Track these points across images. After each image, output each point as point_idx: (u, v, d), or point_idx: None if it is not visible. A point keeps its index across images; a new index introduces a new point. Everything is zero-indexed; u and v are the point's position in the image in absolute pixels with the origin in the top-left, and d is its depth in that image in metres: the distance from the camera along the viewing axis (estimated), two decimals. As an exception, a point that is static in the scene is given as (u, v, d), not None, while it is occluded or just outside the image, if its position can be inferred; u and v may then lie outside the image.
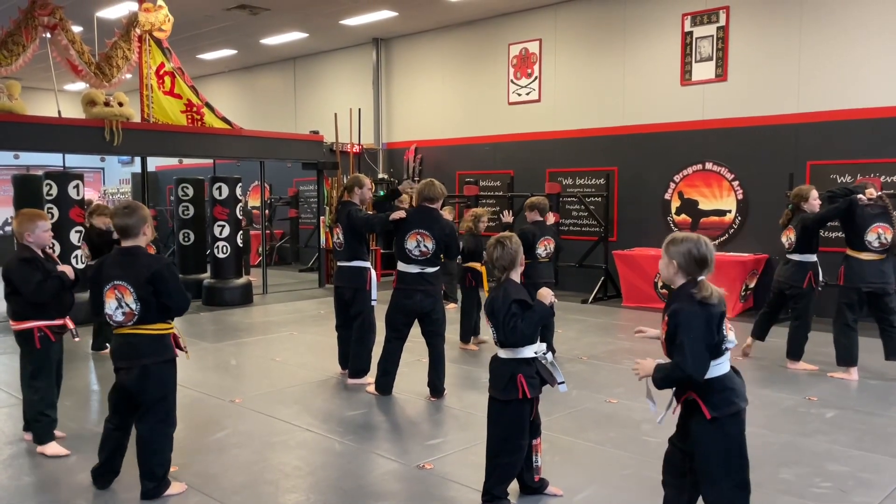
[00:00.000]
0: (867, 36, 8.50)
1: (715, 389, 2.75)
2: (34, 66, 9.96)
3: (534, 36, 11.70)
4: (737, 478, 2.78)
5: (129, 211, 3.60)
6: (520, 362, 3.35)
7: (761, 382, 5.80)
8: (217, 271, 10.23)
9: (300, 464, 4.13)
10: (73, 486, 3.78)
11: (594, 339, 7.63)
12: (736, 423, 2.77)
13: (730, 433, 2.75)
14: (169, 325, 3.63)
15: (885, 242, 5.82)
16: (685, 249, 2.78)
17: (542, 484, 3.59)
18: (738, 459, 2.77)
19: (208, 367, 6.51)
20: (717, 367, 2.77)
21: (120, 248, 3.62)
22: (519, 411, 3.36)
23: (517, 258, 3.46)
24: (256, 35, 13.72)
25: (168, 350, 3.60)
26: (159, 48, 9.90)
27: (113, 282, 3.50)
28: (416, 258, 5.28)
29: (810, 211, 6.15)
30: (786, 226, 6.29)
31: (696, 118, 9.91)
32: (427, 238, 5.24)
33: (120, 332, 3.58)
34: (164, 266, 3.53)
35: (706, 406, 2.73)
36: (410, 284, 5.31)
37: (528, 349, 3.36)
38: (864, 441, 4.45)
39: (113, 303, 3.50)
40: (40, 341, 4.20)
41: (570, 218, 11.28)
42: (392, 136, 14.17)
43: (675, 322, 2.70)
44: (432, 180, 5.41)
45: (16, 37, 8.61)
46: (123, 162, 19.82)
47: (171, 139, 9.70)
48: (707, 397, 2.74)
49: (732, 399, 2.76)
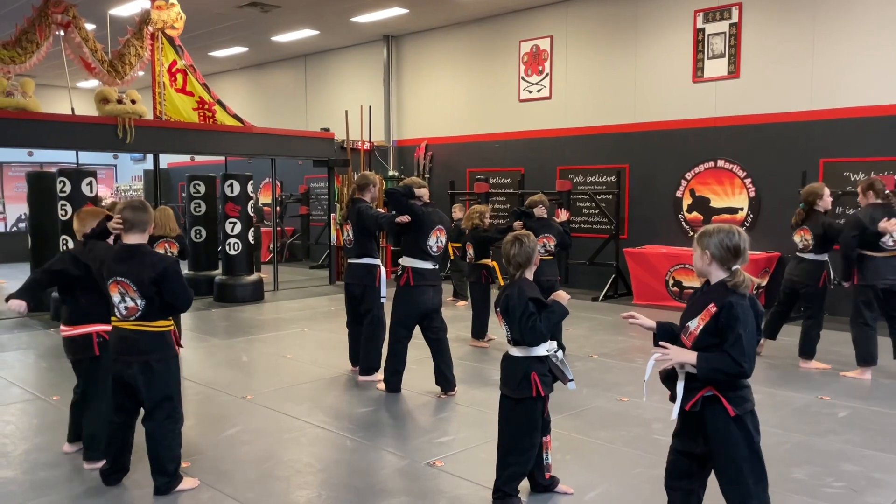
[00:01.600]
0: (881, 33, 8.42)
1: (735, 387, 2.74)
2: (48, 64, 10.03)
3: (545, 33, 11.67)
4: (758, 474, 2.77)
5: (142, 207, 3.64)
6: (533, 360, 3.35)
7: (774, 381, 5.77)
8: (228, 268, 10.28)
9: (311, 460, 4.15)
10: (88, 481, 3.81)
11: (605, 336, 7.62)
12: (753, 421, 2.76)
13: (749, 431, 2.74)
14: (169, 321, 3.65)
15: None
16: (718, 240, 2.77)
17: (553, 482, 3.59)
18: (758, 456, 2.77)
19: (220, 363, 6.54)
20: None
21: (123, 245, 3.61)
22: (531, 409, 3.36)
23: (533, 256, 3.46)
24: (268, 32, 13.76)
25: (170, 347, 3.62)
26: (171, 46, 9.95)
27: (116, 277, 3.52)
28: (434, 254, 5.34)
29: (824, 209, 6.10)
30: (799, 225, 6.22)
31: (709, 115, 9.86)
32: (443, 233, 5.37)
33: (121, 325, 3.59)
34: (169, 265, 3.55)
35: (730, 404, 2.70)
36: (428, 280, 5.33)
37: (542, 347, 3.36)
38: (876, 441, 4.43)
39: (117, 297, 3.54)
40: (99, 347, 3.89)
41: (581, 215, 11.25)
42: (402, 133, 14.18)
43: (733, 315, 2.65)
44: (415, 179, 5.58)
45: (30, 35, 8.68)
46: (136, 159, 19.93)
47: (183, 136, 9.75)
48: (728, 395, 2.72)
49: (748, 397, 2.76)
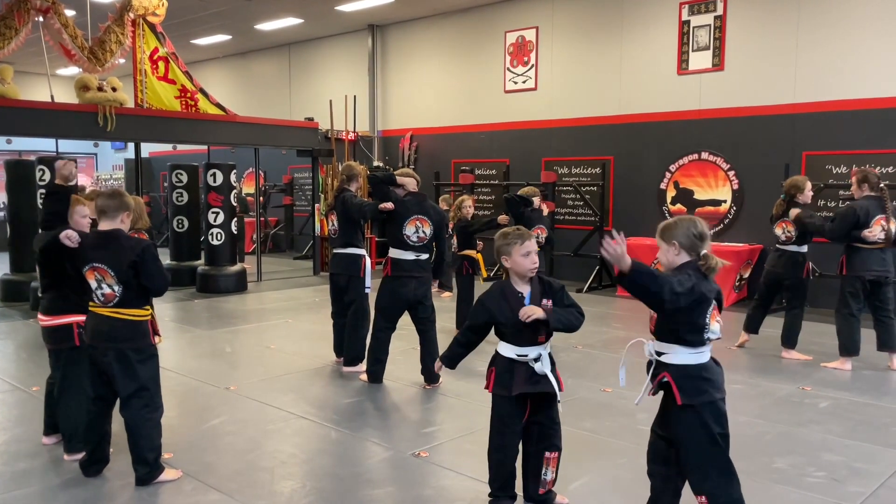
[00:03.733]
0: (864, 26, 8.48)
1: (690, 376, 2.77)
2: (27, 51, 9.86)
3: (530, 24, 11.64)
4: (719, 465, 2.79)
5: (112, 194, 3.61)
6: (497, 356, 3.21)
7: (756, 372, 5.82)
8: (211, 258, 10.20)
9: (295, 451, 4.13)
10: (68, 472, 3.76)
11: (589, 328, 7.63)
12: (712, 412, 2.77)
13: (706, 422, 2.75)
14: (147, 310, 3.61)
15: (889, 233, 5.78)
16: (684, 230, 2.83)
17: (548, 498, 3.31)
18: (716, 448, 2.77)
19: (203, 354, 6.49)
20: (697, 355, 2.79)
21: (99, 231, 3.58)
22: (496, 406, 3.20)
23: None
24: (251, 20, 13.62)
25: (146, 336, 3.58)
26: (153, 33, 9.81)
27: (92, 263, 3.48)
28: (414, 244, 5.27)
29: (804, 203, 6.16)
30: (780, 217, 6.27)
31: (693, 108, 9.89)
32: (426, 224, 5.26)
33: (98, 311, 3.55)
34: (146, 247, 3.53)
35: (678, 391, 2.75)
36: (407, 271, 5.28)
37: (505, 347, 3.15)
38: (857, 431, 4.47)
39: (94, 283, 3.50)
40: (80, 337, 3.81)
41: (566, 207, 11.27)
42: (387, 123, 14.12)
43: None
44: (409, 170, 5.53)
45: (8, 20, 8.52)
46: (117, 148, 19.69)
47: (165, 125, 9.63)
48: (681, 382, 2.76)
49: (706, 388, 2.77)
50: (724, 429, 2.79)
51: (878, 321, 5.96)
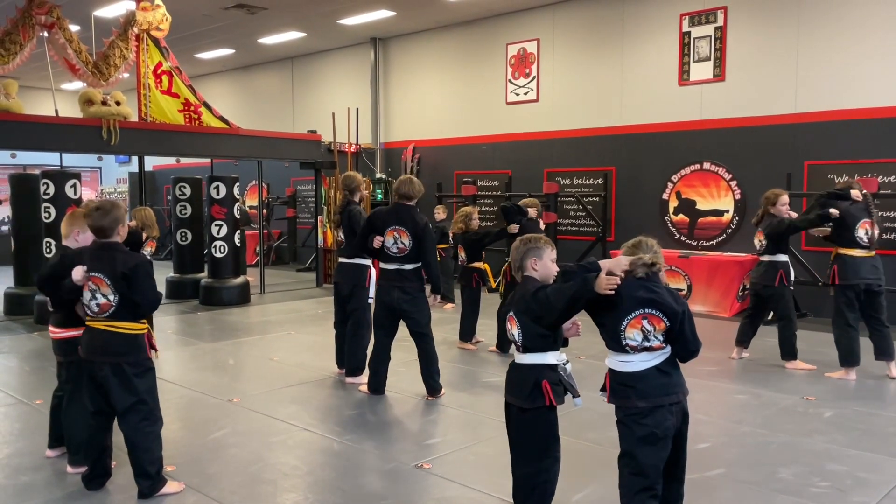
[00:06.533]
0: (865, 36, 8.51)
1: (612, 380, 3.00)
2: (31, 65, 9.93)
3: (532, 36, 11.70)
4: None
5: (103, 213, 3.56)
6: (543, 368, 3.09)
7: (759, 382, 5.80)
8: (214, 271, 10.22)
9: (298, 463, 4.12)
10: (71, 486, 3.76)
11: (592, 338, 7.53)
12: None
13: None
14: (143, 325, 3.61)
15: (872, 238, 5.88)
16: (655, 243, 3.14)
17: None
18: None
19: (206, 366, 6.50)
20: (621, 363, 2.97)
21: (100, 243, 3.62)
22: (547, 419, 3.11)
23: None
24: (254, 34, 13.70)
25: (142, 350, 3.58)
26: (157, 47, 9.88)
27: (90, 273, 3.51)
28: (394, 255, 5.31)
29: (777, 215, 6.19)
30: (756, 227, 6.37)
31: (694, 118, 9.91)
32: (404, 234, 5.27)
33: (93, 324, 3.56)
34: (139, 263, 3.55)
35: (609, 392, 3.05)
36: (389, 281, 5.34)
37: (551, 355, 3.14)
38: (862, 441, 4.46)
39: (87, 293, 3.52)
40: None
41: (568, 218, 11.28)
42: (390, 135, 14.16)
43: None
44: (411, 178, 5.47)
45: (13, 35, 8.59)
46: (121, 161, 19.77)
47: (169, 138, 9.68)
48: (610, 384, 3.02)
49: (629, 395, 2.91)
50: (656, 436, 2.89)
51: (874, 330, 5.96)
